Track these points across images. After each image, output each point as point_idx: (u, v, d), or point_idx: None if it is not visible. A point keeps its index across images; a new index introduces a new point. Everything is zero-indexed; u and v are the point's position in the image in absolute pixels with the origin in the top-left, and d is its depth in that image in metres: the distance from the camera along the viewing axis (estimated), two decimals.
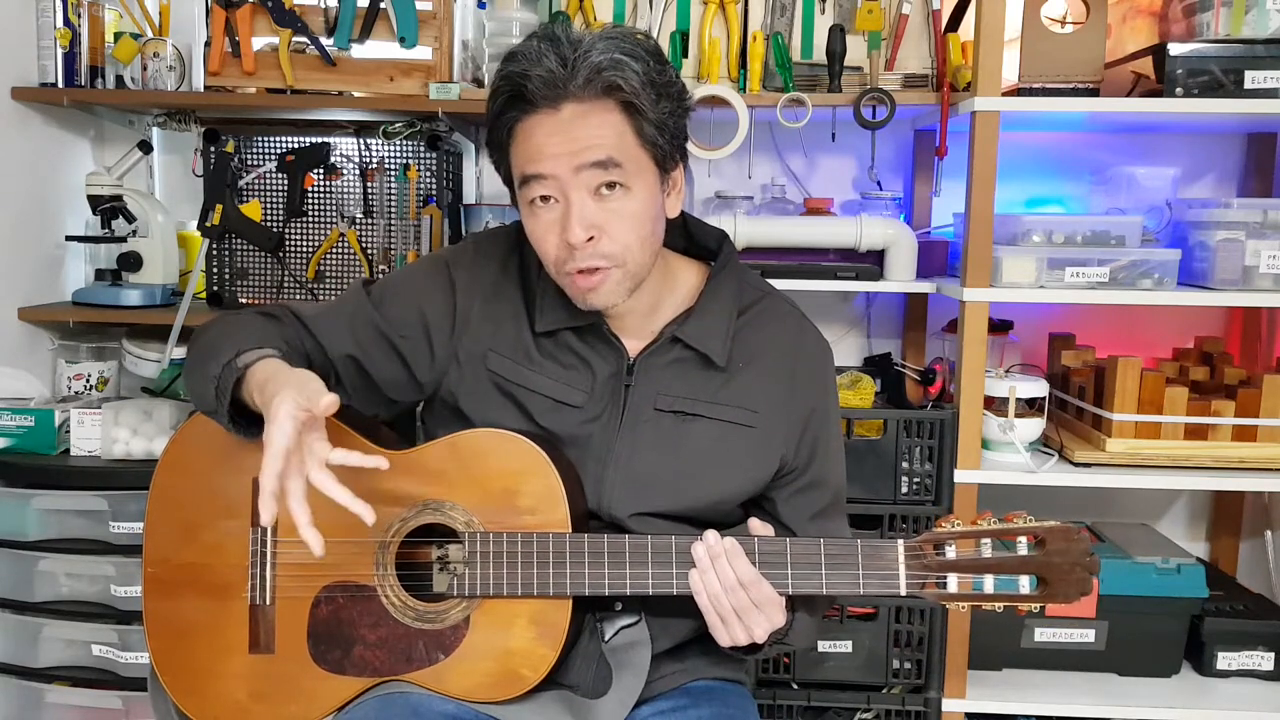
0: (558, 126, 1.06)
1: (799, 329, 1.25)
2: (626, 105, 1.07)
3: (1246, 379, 1.92)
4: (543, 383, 1.18)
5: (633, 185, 1.09)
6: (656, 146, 1.10)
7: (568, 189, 1.08)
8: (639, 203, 1.10)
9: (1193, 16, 1.85)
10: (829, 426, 1.25)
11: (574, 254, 1.09)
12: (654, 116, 1.08)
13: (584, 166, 1.06)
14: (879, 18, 1.92)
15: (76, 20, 2.00)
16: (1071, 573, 1.08)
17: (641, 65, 1.07)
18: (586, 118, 1.06)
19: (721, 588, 1.09)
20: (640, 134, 1.08)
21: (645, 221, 1.11)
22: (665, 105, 1.09)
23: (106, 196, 2.01)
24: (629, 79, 1.06)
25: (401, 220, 2.06)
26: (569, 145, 1.06)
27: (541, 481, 1.13)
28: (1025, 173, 2.18)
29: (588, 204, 1.08)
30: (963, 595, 1.09)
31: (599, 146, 1.06)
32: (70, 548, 1.83)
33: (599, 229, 1.08)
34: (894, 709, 1.91)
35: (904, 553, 1.10)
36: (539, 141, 1.07)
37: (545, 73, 1.05)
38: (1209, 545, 2.27)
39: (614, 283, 1.11)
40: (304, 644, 1.16)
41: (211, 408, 1.10)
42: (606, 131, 1.07)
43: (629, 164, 1.08)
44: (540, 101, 1.06)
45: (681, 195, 1.18)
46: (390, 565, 1.15)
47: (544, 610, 1.13)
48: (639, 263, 1.12)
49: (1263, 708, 1.86)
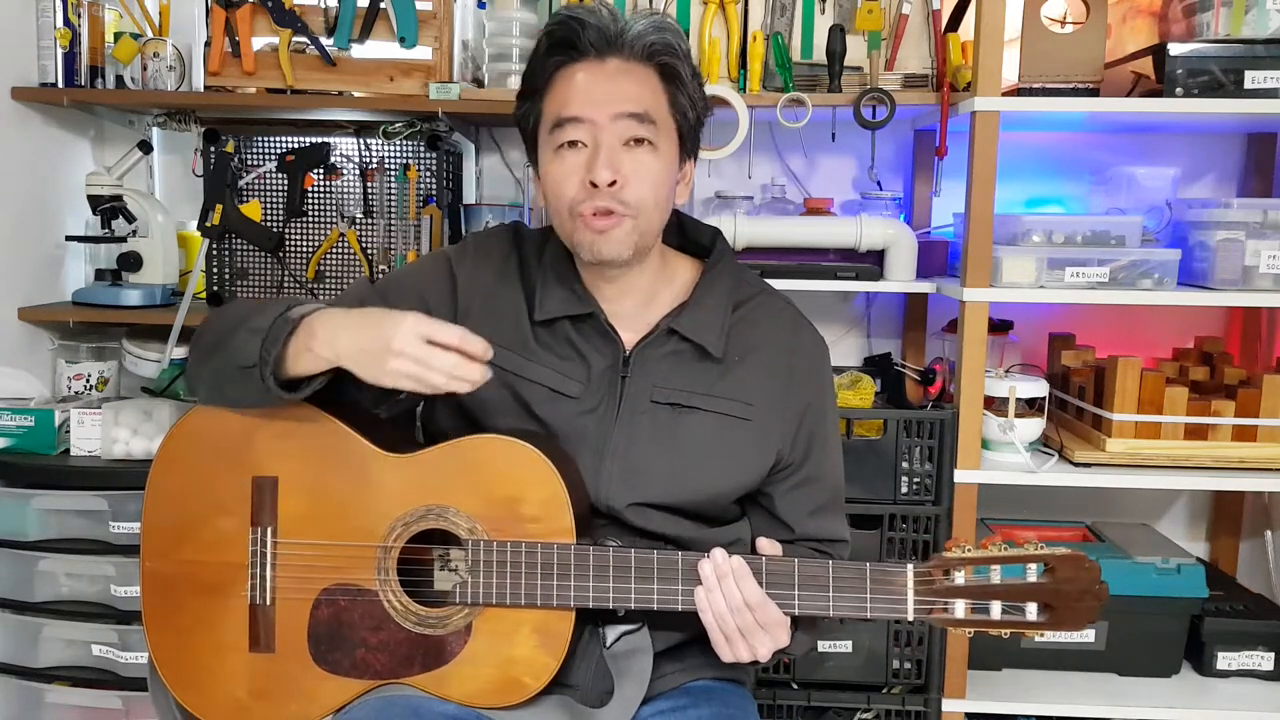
0: (602, 76, 1.13)
1: (795, 325, 1.26)
2: (667, 73, 1.15)
3: (1246, 379, 1.92)
4: (540, 372, 1.19)
5: (659, 146, 1.14)
6: (685, 119, 1.17)
7: (600, 134, 1.12)
8: (662, 163, 1.15)
9: (1193, 16, 1.85)
10: (825, 422, 1.26)
11: (593, 195, 1.12)
12: (689, 89, 1.16)
13: (622, 116, 1.12)
14: (879, 18, 1.92)
15: (76, 20, 2.00)
16: (1080, 601, 1.07)
17: (685, 46, 1.17)
18: (630, 74, 1.14)
19: (727, 607, 1.09)
20: (674, 103, 1.16)
21: (663, 183, 1.15)
22: (696, 86, 1.18)
23: (106, 196, 2.01)
24: (677, 45, 1.15)
25: (401, 220, 2.06)
26: (611, 94, 1.12)
27: (546, 489, 1.12)
28: (1025, 173, 2.18)
29: (618, 150, 1.12)
30: (970, 621, 1.08)
31: (638, 100, 1.13)
32: (70, 548, 1.83)
33: (624, 175, 1.12)
34: (894, 709, 1.90)
35: (913, 578, 1.09)
36: (582, 87, 1.13)
37: (599, 24, 1.12)
38: (1209, 545, 2.27)
39: (625, 232, 1.13)
40: (304, 644, 1.16)
41: (249, 362, 1.09)
42: (646, 90, 1.14)
43: (660, 124, 1.14)
44: (589, 50, 1.13)
45: (690, 187, 1.23)
46: (392, 570, 1.15)
47: (547, 619, 1.13)
48: (650, 221, 1.15)
49: (1263, 708, 1.86)
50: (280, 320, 1.10)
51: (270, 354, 1.08)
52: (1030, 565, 1.08)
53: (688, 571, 1.11)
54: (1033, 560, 1.08)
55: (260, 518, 1.17)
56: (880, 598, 1.10)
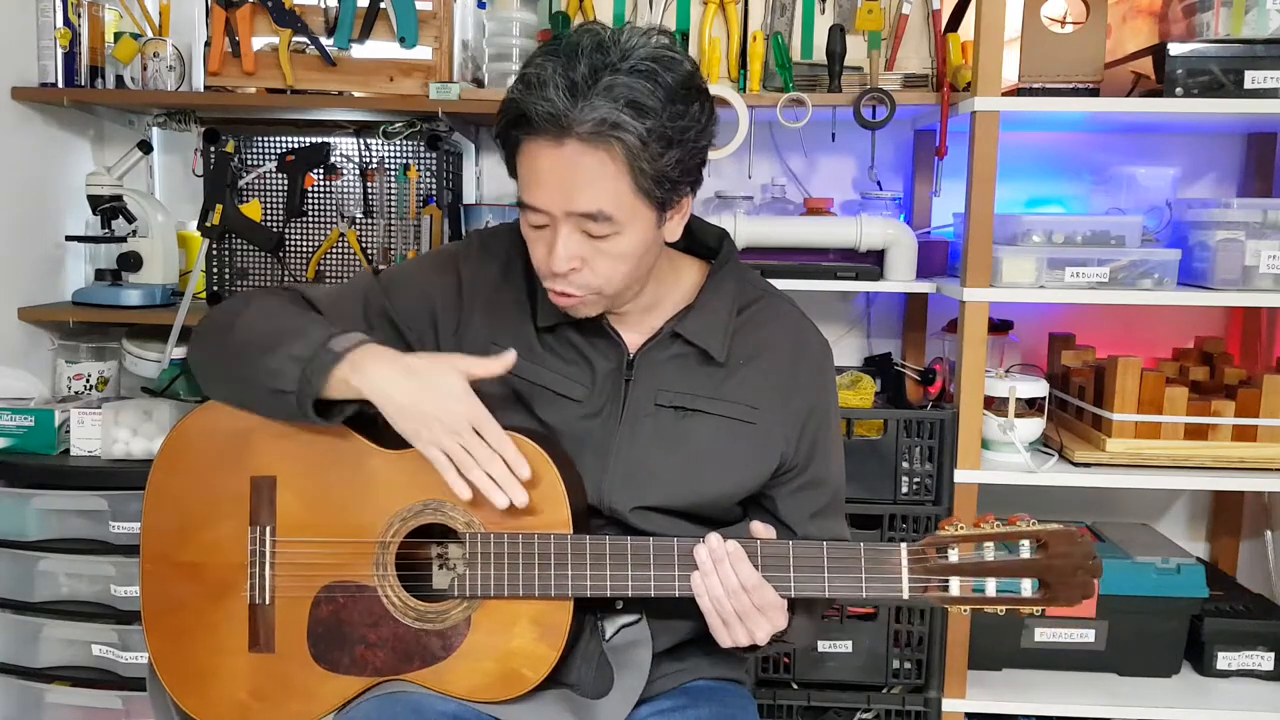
0: (558, 161, 1.04)
1: (799, 328, 1.26)
2: (628, 150, 1.03)
3: (1246, 379, 1.92)
4: (544, 375, 1.19)
5: (624, 230, 1.08)
6: (653, 197, 1.08)
7: (558, 225, 1.08)
8: (629, 243, 1.09)
9: (1193, 16, 1.85)
10: (829, 426, 1.26)
11: (554, 278, 1.11)
12: (654, 170, 1.05)
13: (574, 214, 1.06)
14: (879, 18, 1.92)
15: (76, 20, 2.00)
16: (1074, 576, 1.08)
17: (652, 120, 1.03)
18: (585, 161, 1.04)
19: (724, 591, 1.09)
20: (637, 181, 1.05)
21: (632, 258, 1.11)
22: (674, 154, 1.06)
23: (106, 196, 2.01)
24: (635, 134, 1.02)
25: (401, 220, 2.06)
26: (563, 187, 1.05)
27: (542, 482, 1.12)
28: (1025, 173, 2.18)
29: (574, 239, 1.08)
30: (965, 599, 1.09)
31: (591, 199, 1.05)
32: (70, 548, 1.83)
33: (584, 262, 1.09)
34: (894, 709, 1.90)
35: (907, 556, 1.10)
36: (538, 171, 1.06)
37: (550, 107, 1.02)
38: (1209, 545, 2.27)
39: (591, 305, 1.14)
40: (304, 643, 1.16)
41: (286, 388, 1.08)
42: (603, 183, 1.05)
43: (621, 213, 1.07)
44: (545, 129, 1.03)
45: (685, 217, 1.17)
46: (390, 565, 1.15)
47: (545, 611, 1.13)
48: (620, 290, 1.13)
49: (1263, 708, 1.86)
50: (325, 352, 1.09)
51: (312, 386, 1.08)
52: (1024, 542, 1.09)
53: (684, 557, 1.11)
54: (1025, 536, 1.09)
55: (259, 517, 1.17)
56: (875, 577, 1.10)
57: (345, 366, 1.08)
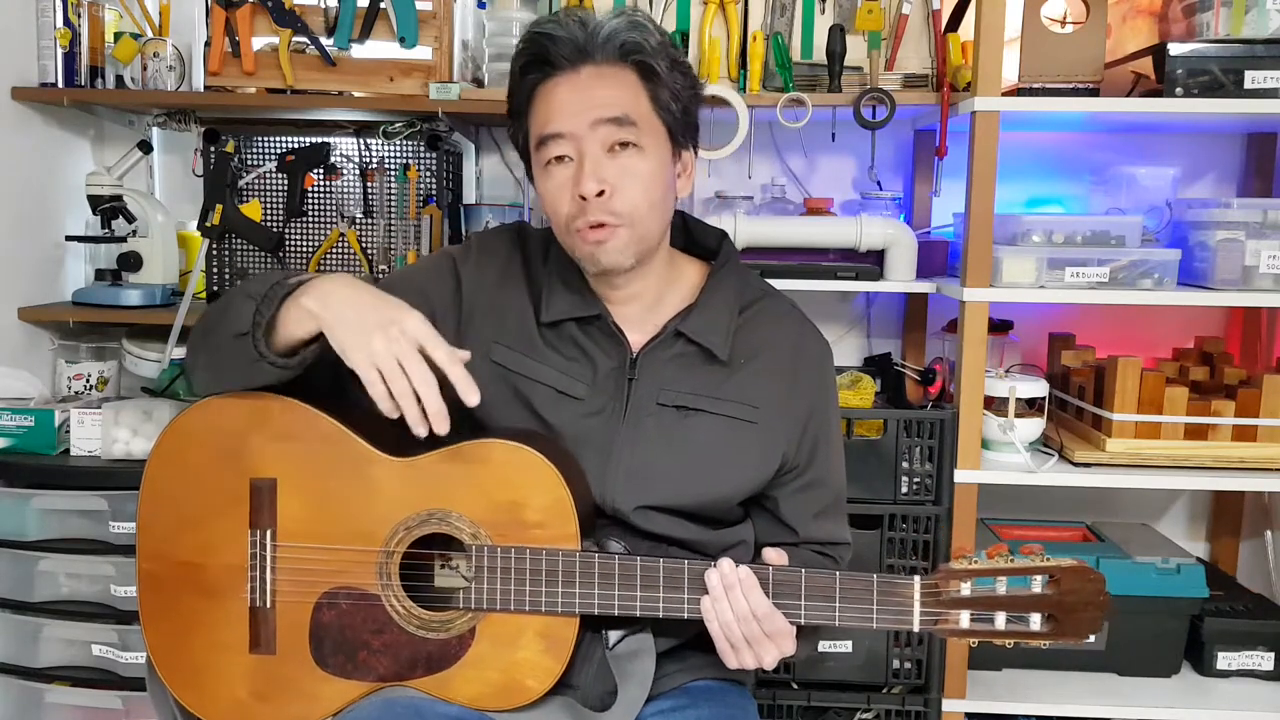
0: (578, 86, 1.12)
1: (800, 328, 1.26)
2: (643, 70, 1.13)
3: (1246, 379, 1.92)
4: (546, 373, 1.19)
5: (645, 146, 1.13)
6: (670, 113, 1.15)
7: (583, 145, 1.11)
8: (651, 164, 1.13)
9: (1193, 16, 1.85)
10: (829, 426, 1.26)
11: (585, 209, 1.12)
12: (669, 83, 1.14)
13: (600, 122, 1.11)
14: (879, 18, 1.92)
15: (76, 20, 2.00)
16: (1084, 612, 1.07)
17: (657, 38, 1.14)
18: (604, 78, 1.12)
19: (734, 617, 1.08)
20: (655, 99, 1.14)
21: (656, 185, 1.14)
22: (678, 77, 1.15)
23: (106, 196, 2.01)
24: (648, 40, 1.13)
25: (401, 220, 2.06)
26: (587, 103, 1.11)
27: (550, 495, 1.11)
28: (1025, 173, 2.18)
29: (601, 159, 1.12)
30: (974, 631, 1.08)
31: (615, 104, 1.11)
32: (70, 548, 1.83)
33: (610, 184, 1.11)
34: (894, 709, 1.90)
35: (920, 591, 1.09)
36: (558, 101, 1.12)
37: (568, 35, 1.11)
38: (1209, 545, 2.27)
39: (621, 241, 1.13)
40: (306, 646, 1.16)
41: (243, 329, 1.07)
42: (623, 92, 1.12)
43: (643, 124, 1.13)
44: (561, 64, 1.12)
45: (692, 179, 1.22)
46: (394, 574, 1.14)
47: (551, 623, 1.12)
48: (647, 226, 1.14)
49: (1263, 708, 1.86)
50: (277, 285, 1.08)
51: (264, 316, 1.06)
52: (1035, 576, 1.08)
53: (694, 580, 1.10)
54: (1038, 571, 1.08)
55: (259, 520, 1.16)
56: (886, 609, 1.09)
57: (299, 292, 1.07)
